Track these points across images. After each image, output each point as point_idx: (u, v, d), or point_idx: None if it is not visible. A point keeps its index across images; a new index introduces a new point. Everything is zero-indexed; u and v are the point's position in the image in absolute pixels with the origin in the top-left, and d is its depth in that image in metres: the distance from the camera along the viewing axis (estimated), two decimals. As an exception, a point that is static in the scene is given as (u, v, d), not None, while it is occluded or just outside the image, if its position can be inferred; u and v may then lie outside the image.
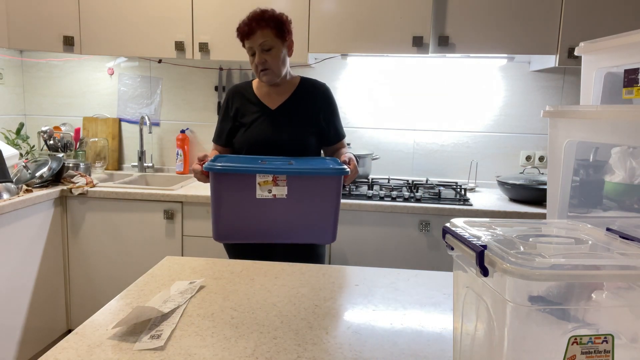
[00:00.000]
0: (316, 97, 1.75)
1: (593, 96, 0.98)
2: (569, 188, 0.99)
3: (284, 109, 1.72)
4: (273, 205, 1.43)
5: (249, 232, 1.47)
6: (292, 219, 1.45)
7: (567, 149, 0.95)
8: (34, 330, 2.30)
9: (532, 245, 0.65)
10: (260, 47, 1.62)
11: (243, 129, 1.72)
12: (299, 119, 1.72)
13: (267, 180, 1.41)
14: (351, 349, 0.86)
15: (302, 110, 1.72)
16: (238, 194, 1.42)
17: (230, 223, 1.45)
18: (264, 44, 1.62)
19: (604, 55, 0.94)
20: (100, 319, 0.96)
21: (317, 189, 1.44)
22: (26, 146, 2.90)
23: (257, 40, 1.61)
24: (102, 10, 2.54)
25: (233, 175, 1.41)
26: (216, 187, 1.43)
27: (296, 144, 1.70)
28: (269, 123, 1.70)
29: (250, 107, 1.73)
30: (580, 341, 0.56)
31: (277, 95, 1.74)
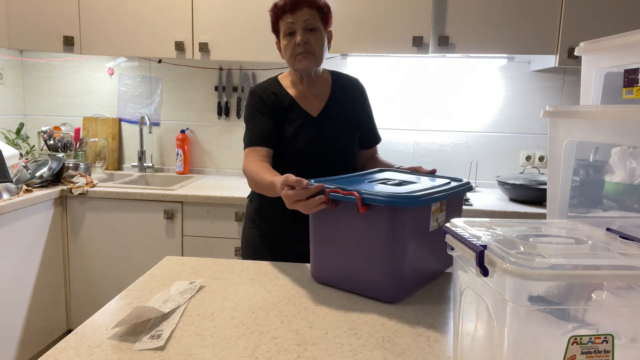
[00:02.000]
0: (354, 96, 1.56)
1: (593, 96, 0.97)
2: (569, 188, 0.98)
3: (326, 115, 1.50)
4: (434, 237, 1.14)
5: (422, 276, 1.16)
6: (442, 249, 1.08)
7: (567, 149, 0.95)
8: (34, 330, 2.30)
9: (532, 245, 0.65)
10: (304, 24, 1.38)
11: (283, 143, 1.47)
12: (343, 125, 1.52)
13: (437, 207, 1.13)
14: (351, 349, 0.86)
15: (344, 115, 1.52)
16: (415, 230, 1.07)
17: (410, 268, 1.08)
18: (310, 23, 1.38)
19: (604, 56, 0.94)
20: (100, 319, 0.96)
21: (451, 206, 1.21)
22: (26, 146, 2.90)
23: (303, 17, 1.37)
24: (102, 10, 2.54)
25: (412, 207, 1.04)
26: (396, 224, 1.02)
27: (343, 154, 1.51)
28: (313, 133, 1.47)
29: (287, 112, 1.48)
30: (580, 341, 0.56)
31: (314, 98, 1.50)
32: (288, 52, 1.41)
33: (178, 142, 2.89)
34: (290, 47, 1.40)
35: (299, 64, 1.41)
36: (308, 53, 1.39)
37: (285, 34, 1.40)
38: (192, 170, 2.99)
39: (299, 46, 1.38)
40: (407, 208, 1.01)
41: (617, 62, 0.91)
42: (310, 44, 1.39)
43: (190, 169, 2.99)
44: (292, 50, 1.40)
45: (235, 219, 2.33)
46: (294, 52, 1.40)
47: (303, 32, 1.38)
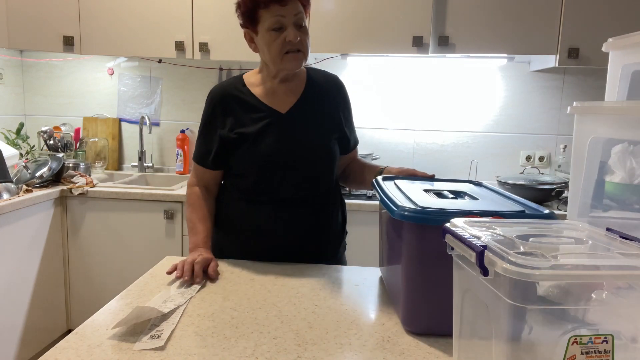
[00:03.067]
0: (331, 93, 1.39)
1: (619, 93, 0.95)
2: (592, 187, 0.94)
3: (297, 111, 1.32)
4: None
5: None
6: None
7: (592, 146, 0.92)
8: (34, 330, 2.30)
9: (532, 245, 0.65)
10: (295, 19, 1.22)
11: (247, 144, 1.29)
12: (318, 123, 1.34)
13: None
14: (351, 349, 0.86)
15: (320, 112, 1.35)
16: None
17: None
18: (300, 18, 1.23)
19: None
20: (100, 319, 0.96)
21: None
22: (26, 146, 2.90)
23: (293, 10, 1.21)
24: (102, 10, 2.54)
25: None
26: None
27: (321, 156, 1.33)
28: (281, 132, 1.29)
29: (251, 114, 1.31)
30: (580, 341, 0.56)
31: (284, 94, 1.33)
32: (275, 48, 1.23)
33: (178, 142, 2.89)
34: (278, 44, 1.22)
35: (289, 63, 1.25)
36: (299, 52, 1.25)
37: (271, 28, 1.22)
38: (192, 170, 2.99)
39: (290, 44, 1.22)
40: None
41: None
42: (302, 43, 1.24)
43: (190, 169, 2.99)
44: (281, 48, 1.23)
45: (235, 219, 2.33)
46: (283, 50, 1.23)
47: (294, 28, 1.22)
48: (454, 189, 1.14)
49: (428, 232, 0.87)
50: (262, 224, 1.33)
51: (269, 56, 1.26)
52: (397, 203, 0.93)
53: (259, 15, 1.23)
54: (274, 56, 1.25)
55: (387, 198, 1.00)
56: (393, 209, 0.92)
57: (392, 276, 1.08)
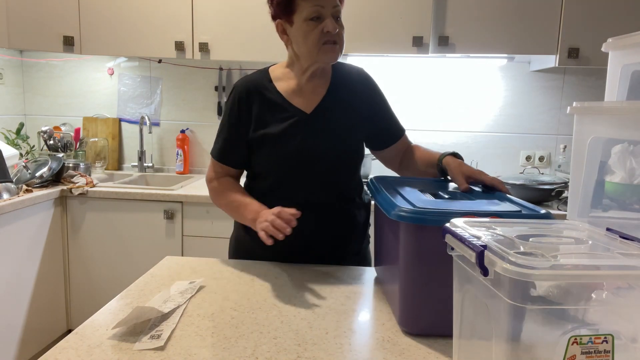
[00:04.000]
0: (357, 88, 1.34)
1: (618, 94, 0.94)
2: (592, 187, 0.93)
3: (322, 111, 1.28)
4: None
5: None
6: None
7: (592, 146, 0.92)
8: (34, 330, 2.30)
9: (532, 245, 0.65)
10: (333, 11, 1.19)
11: (269, 145, 1.26)
12: (344, 122, 1.30)
13: None
14: (351, 349, 0.86)
15: (346, 108, 1.31)
16: None
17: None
18: (337, 10, 1.20)
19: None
20: (100, 319, 0.96)
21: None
22: (26, 146, 2.90)
23: (332, 2, 1.19)
24: (102, 10, 2.54)
25: None
26: None
27: (345, 158, 1.31)
28: (305, 133, 1.25)
29: (275, 113, 1.26)
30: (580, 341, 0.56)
31: (310, 92, 1.29)
32: (311, 39, 1.19)
33: (178, 142, 2.89)
34: (316, 34, 1.18)
35: (325, 55, 1.21)
36: (336, 45, 1.21)
37: (309, 18, 1.17)
38: (192, 170, 2.99)
39: (329, 35, 1.18)
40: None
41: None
42: (339, 35, 1.21)
43: (190, 169, 2.99)
44: (319, 38, 1.18)
45: (235, 219, 2.33)
46: (321, 41, 1.19)
47: (332, 20, 1.18)
48: (449, 189, 1.14)
49: (425, 233, 0.86)
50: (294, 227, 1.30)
51: (304, 47, 1.21)
52: (394, 203, 0.92)
53: (296, 4, 1.19)
54: (311, 46, 1.20)
55: (384, 198, 1.00)
56: (389, 210, 0.91)
57: (388, 277, 1.08)
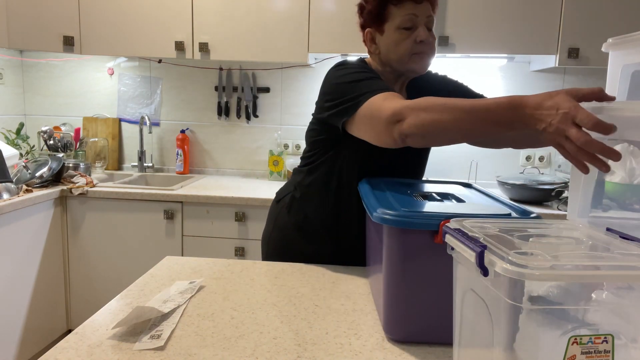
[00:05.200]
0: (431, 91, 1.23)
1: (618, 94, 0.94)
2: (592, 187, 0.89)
3: None
4: None
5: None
6: None
7: None
8: (34, 330, 2.30)
9: (532, 245, 0.65)
10: (427, 20, 1.17)
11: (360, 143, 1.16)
12: None
13: None
14: (351, 349, 0.86)
15: None
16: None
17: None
18: (431, 20, 1.18)
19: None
20: (100, 319, 0.96)
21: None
22: (26, 146, 2.90)
23: (426, 11, 1.16)
24: (102, 10, 2.54)
25: None
26: None
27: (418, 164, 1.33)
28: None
29: None
30: (580, 341, 0.56)
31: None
32: (402, 48, 1.16)
33: (178, 142, 2.89)
34: (408, 43, 1.16)
35: (416, 65, 1.17)
36: (426, 54, 1.17)
37: (402, 26, 1.15)
38: (192, 170, 2.99)
39: (422, 44, 1.16)
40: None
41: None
42: (431, 45, 1.18)
43: (190, 169, 2.99)
44: (410, 48, 1.16)
45: (235, 219, 2.33)
46: (412, 50, 1.16)
47: (424, 28, 1.16)
48: (441, 190, 1.13)
49: (409, 237, 0.84)
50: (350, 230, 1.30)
51: (395, 56, 1.19)
52: (377, 205, 0.90)
53: (389, 13, 1.17)
54: (402, 55, 1.17)
55: (368, 200, 0.99)
56: (372, 212, 0.89)
57: (374, 280, 1.08)
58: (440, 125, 0.93)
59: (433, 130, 0.95)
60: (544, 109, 0.77)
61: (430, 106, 0.94)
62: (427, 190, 1.13)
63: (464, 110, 0.90)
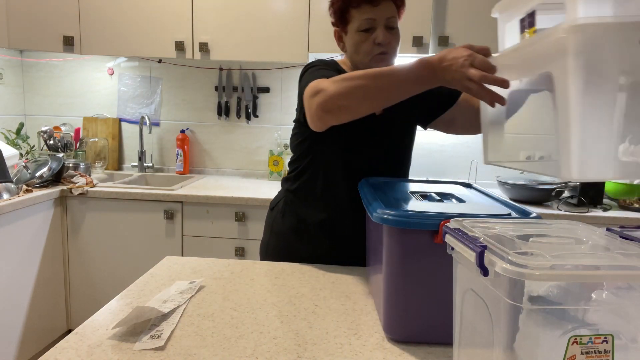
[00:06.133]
0: None
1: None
2: (490, 130, 1.06)
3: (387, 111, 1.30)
4: None
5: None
6: None
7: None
8: (34, 330, 2.30)
9: (532, 245, 0.65)
10: (385, 22, 1.20)
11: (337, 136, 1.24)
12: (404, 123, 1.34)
13: None
14: (351, 349, 0.86)
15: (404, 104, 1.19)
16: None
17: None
18: (391, 21, 1.21)
19: (511, 13, 0.97)
20: (100, 319, 0.96)
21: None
22: (26, 146, 2.90)
23: (385, 13, 1.19)
24: (102, 10, 2.54)
25: None
26: None
27: (403, 157, 1.37)
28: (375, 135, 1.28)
29: None
30: (580, 341, 0.56)
31: None
32: (363, 49, 1.22)
33: (178, 142, 2.89)
34: (367, 45, 1.21)
35: (377, 64, 1.22)
36: (386, 55, 1.22)
37: (361, 29, 1.20)
38: (192, 170, 2.99)
39: (380, 46, 1.20)
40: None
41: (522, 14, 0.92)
42: (391, 45, 1.22)
43: (190, 169, 2.99)
44: (370, 49, 1.21)
45: (235, 219, 2.33)
46: (372, 52, 1.21)
47: (384, 29, 1.20)
48: (441, 191, 1.13)
49: (409, 236, 0.85)
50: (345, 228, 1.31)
51: (357, 57, 1.24)
52: (378, 205, 0.91)
53: (350, 15, 1.22)
54: (362, 57, 1.23)
55: (369, 200, 0.99)
56: (372, 212, 0.89)
57: (374, 280, 1.08)
58: (357, 91, 0.99)
59: (350, 96, 1.00)
60: (447, 61, 0.90)
61: (346, 77, 1.01)
62: (427, 190, 1.13)
63: (378, 74, 0.98)
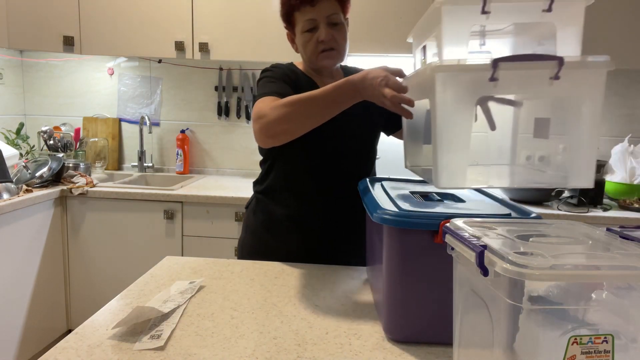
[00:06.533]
0: None
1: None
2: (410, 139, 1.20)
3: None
4: None
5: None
6: None
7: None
8: (34, 330, 2.30)
9: (532, 245, 0.65)
10: (326, 19, 1.25)
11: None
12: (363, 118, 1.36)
13: None
14: (351, 349, 0.86)
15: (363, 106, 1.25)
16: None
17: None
18: (333, 17, 1.26)
19: (417, 41, 1.11)
20: (100, 319, 0.96)
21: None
22: (26, 146, 2.90)
23: (325, 11, 1.24)
24: (102, 10, 2.54)
25: None
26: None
27: (365, 153, 1.40)
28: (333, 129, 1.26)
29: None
30: (580, 341, 0.55)
31: None
32: (309, 49, 1.28)
33: (178, 142, 2.89)
34: (312, 44, 1.27)
35: (323, 62, 1.29)
36: (332, 50, 1.28)
37: (305, 30, 1.27)
38: (192, 170, 2.99)
39: (323, 43, 1.26)
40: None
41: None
42: (334, 40, 1.27)
43: (190, 169, 2.99)
44: (315, 48, 1.27)
45: (235, 219, 2.33)
46: (317, 50, 1.27)
47: (326, 27, 1.25)
48: (442, 191, 1.13)
49: (409, 236, 0.85)
50: (314, 222, 1.34)
51: (306, 56, 1.32)
52: (378, 205, 0.91)
53: (295, 18, 1.29)
54: (310, 55, 1.30)
55: (369, 199, 0.99)
56: (372, 212, 0.90)
57: (374, 280, 1.08)
58: (293, 116, 1.10)
59: (287, 121, 1.11)
60: (367, 81, 1.02)
61: (285, 103, 1.11)
62: (427, 190, 1.13)
63: (311, 97, 1.08)
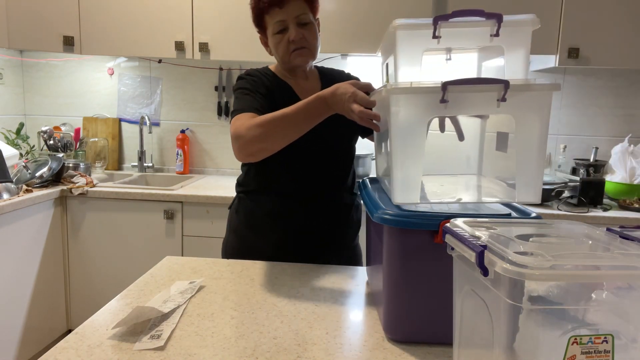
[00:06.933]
0: None
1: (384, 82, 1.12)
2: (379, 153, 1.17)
3: None
4: None
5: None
6: None
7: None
8: (34, 330, 2.30)
9: (532, 245, 0.65)
10: (296, 20, 1.28)
11: None
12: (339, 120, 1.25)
13: None
14: (351, 349, 0.86)
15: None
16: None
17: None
18: (302, 17, 1.28)
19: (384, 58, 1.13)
20: (100, 319, 0.96)
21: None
22: (26, 146, 2.90)
23: (293, 12, 1.27)
24: (102, 10, 2.54)
25: None
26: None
27: (343, 155, 1.41)
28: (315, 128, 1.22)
29: (286, 103, 1.19)
30: (580, 341, 0.55)
31: (309, 92, 1.25)
32: (281, 49, 1.31)
33: (178, 142, 2.89)
34: (283, 45, 1.30)
35: (295, 60, 1.31)
36: (303, 49, 1.30)
37: (275, 32, 1.29)
38: (192, 170, 2.99)
39: (294, 43, 1.29)
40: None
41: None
42: (305, 39, 1.29)
43: (190, 169, 2.99)
44: (286, 48, 1.30)
45: (235, 219, 2.33)
46: (289, 50, 1.30)
47: (296, 27, 1.28)
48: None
49: (409, 236, 0.85)
50: (294, 220, 1.36)
51: (279, 57, 1.34)
52: (378, 205, 0.91)
53: (265, 21, 1.31)
54: (282, 56, 1.32)
55: (369, 199, 0.99)
56: (372, 212, 0.90)
57: (374, 280, 1.08)
58: (268, 134, 1.14)
59: (263, 140, 1.14)
60: (337, 96, 1.06)
61: (260, 122, 1.14)
62: None
63: (284, 116, 1.12)
